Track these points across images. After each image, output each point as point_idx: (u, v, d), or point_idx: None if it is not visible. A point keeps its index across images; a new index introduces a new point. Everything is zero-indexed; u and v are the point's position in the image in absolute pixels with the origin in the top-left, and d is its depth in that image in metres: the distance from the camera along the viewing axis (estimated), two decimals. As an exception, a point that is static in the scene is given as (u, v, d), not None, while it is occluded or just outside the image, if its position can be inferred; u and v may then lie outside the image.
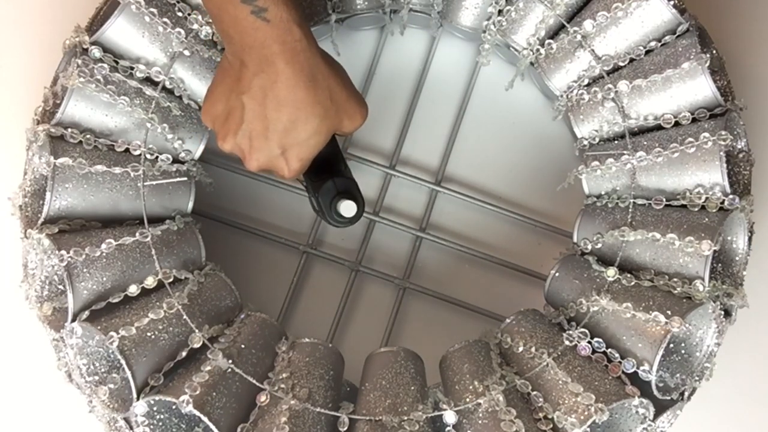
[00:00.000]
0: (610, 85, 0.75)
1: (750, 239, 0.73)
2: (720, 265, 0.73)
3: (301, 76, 0.61)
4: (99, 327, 0.66)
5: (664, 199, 0.73)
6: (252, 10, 0.58)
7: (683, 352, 0.71)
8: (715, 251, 0.68)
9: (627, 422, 0.68)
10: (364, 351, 0.74)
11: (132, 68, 0.73)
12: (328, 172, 0.69)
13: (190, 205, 0.76)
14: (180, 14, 0.74)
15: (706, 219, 0.70)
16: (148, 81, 0.74)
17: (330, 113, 0.64)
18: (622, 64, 0.76)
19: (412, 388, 0.69)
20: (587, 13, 0.76)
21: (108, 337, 0.65)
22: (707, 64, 0.72)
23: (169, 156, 0.75)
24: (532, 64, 0.80)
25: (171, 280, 0.71)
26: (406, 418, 0.67)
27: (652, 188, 0.74)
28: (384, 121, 0.86)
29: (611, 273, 0.71)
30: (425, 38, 0.88)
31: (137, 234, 0.70)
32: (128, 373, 0.65)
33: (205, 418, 0.64)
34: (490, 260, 0.83)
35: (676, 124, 0.74)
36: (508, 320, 0.74)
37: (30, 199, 0.73)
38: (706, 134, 0.71)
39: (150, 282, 0.70)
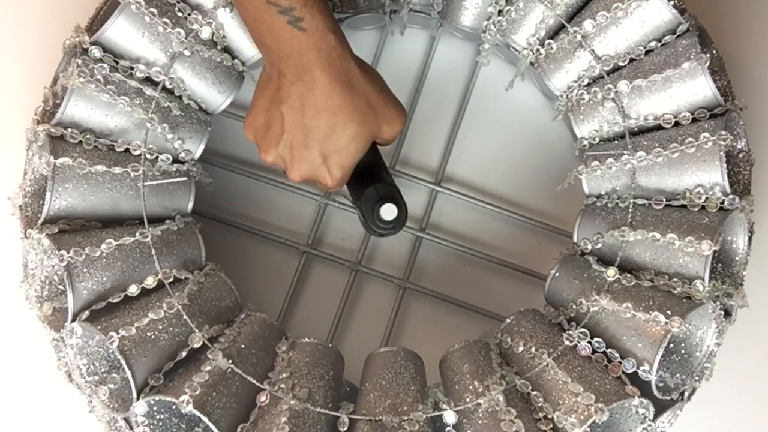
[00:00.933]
0: (610, 85, 0.75)
1: (750, 239, 0.73)
2: (720, 265, 0.73)
3: (337, 82, 0.62)
4: (99, 327, 0.66)
5: (664, 199, 0.73)
6: (288, 20, 0.59)
7: (683, 352, 0.71)
8: (715, 251, 0.68)
9: (627, 422, 0.68)
10: (364, 351, 0.74)
11: (132, 68, 0.73)
12: (369, 180, 0.69)
13: (190, 205, 0.76)
14: (180, 14, 0.74)
15: (706, 219, 0.70)
16: (148, 81, 0.74)
17: (368, 119, 0.64)
18: (622, 64, 0.76)
19: (412, 388, 0.69)
20: (587, 13, 0.76)
21: (108, 337, 0.65)
22: (707, 64, 0.72)
23: (169, 156, 0.74)
24: (532, 64, 0.80)
25: (171, 280, 0.71)
26: (406, 418, 0.67)
27: (652, 188, 0.74)
28: (384, 121, 0.86)
29: (611, 273, 0.71)
30: (425, 38, 0.88)
31: (137, 234, 0.70)
32: (128, 373, 0.65)
33: (205, 418, 0.64)
34: (490, 260, 0.83)
35: (676, 124, 0.74)
36: (508, 320, 0.74)
37: (30, 199, 0.73)
38: (706, 134, 0.71)
39: (150, 282, 0.70)
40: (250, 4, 0.60)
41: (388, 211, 0.67)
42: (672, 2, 0.74)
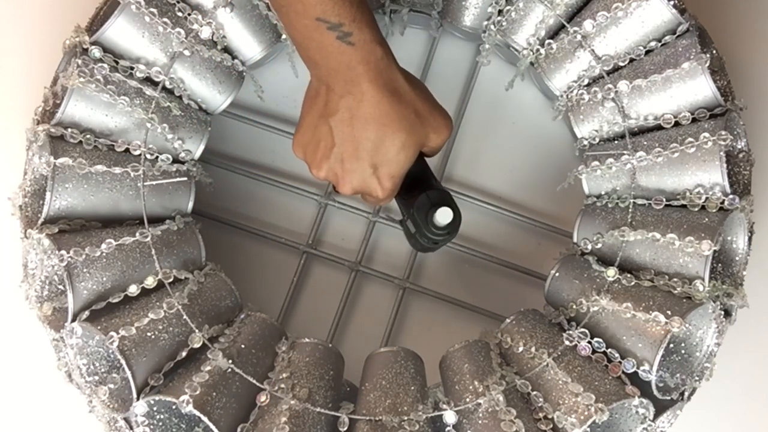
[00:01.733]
0: (610, 85, 0.75)
1: (750, 239, 0.73)
2: (720, 265, 0.73)
3: (385, 93, 0.62)
4: (99, 327, 0.66)
5: (664, 199, 0.73)
6: (338, 36, 0.60)
7: (683, 352, 0.71)
8: (715, 251, 0.68)
9: (627, 422, 0.68)
10: (364, 351, 0.74)
11: (132, 68, 0.73)
12: (419, 189, 0.68)
13: (190, 205, 0.76)
14: (180, 14, 0.74)
15: (706, 219, 0.70)
16: (148, 81, 0.74)
17: (415, 127, 0.64)
18: (622, 64, 0.76)
19: (412, 388, 0.69)
20: (587, 13, 0.76)
21: (108, 337, 0.65)
22: (707, 64, 0.72)
23: (169, 156, 0.75)
24: (532, 64, 0.80)
25: (171, 280, 0.71)
26: (406, 418, 0.67)
27: (652, 188, 0.74)
28: (384, 121, 0.86)
29: (611, 273, 0.71)
30: (425, 38, 0.88)
31: (137, 234, 0.70)
32: (128, 373, 0.65)
33: (205, 418, 0.64)
34: (490, 260, 0.83)
35: (676, 124, 0.74)
36: (508, 320, 0.74)
37: (30, 199, 0.73)
38: (706, 134, 0.71)
39: (150, 282, 0.70)
40: (299, 22, 0.60)
41: (444, 215, 0.66)
42: (672, 2, 0.74)
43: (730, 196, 0.70)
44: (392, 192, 0.67)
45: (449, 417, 0.67)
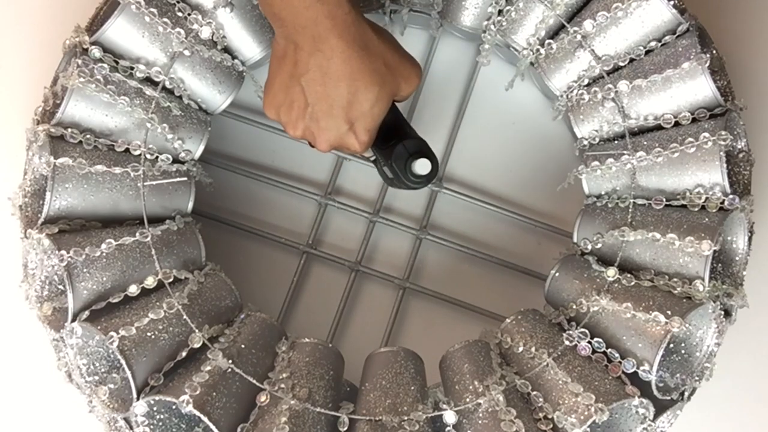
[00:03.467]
0: (610, 85, 0.75)
1: (750, 239, 0.73)
2: (720, 265, 0.73)
3: (354, 47, 0.62)
4: (99, 327, 0.66)
5: (664, 199, 0.73)
6: None
7: (683, 352, 0.71)
8: (715, 251, 0.68)
9: (627, 422, 0.68)
10: (364, 351, 0.74)
11: (132, 68, 0.73)
12: (395, 137, 0.69)
13: (190, 205, 0.76)
14: (180, 14, 0.74)
15: (706, 219, 0.70)
16: (148, 81, 0.74)
17: (387, 79, 0.65)
18: (622, 64, 0.76)
19: (412, 388, 0.69)
20: (587, 13, 0.76)
21: (108, 337, 0.65)
22: (707, 64, 0.72)
23: (169, 156, 0.75)
24: (532, 64, 0.80)
25: (171, 280, 0.71)
26: (406, 418, 0.67)
27: (652, 188, 0.74)
28: (384, 121, 0.86)
29: (611, 273, 0.71)
30: (425, 38, 0.88)
31: (137, 234, 0.70)
32: (128, 373, 0.65)
33: (205, 418, 0.64)
34: (490, 260, 0.83)
35: (676, 124, 0.74)
36: (508, 320, 0.74)
37: (30, 199, 0.73)
38: (706, 134, 0.71)
39: (150, 282, 0.70)
40: None
41: (422, 166, 0.68)
42: (672, 2, 0.74)
43: (730, 196, 0.70)
44: (369, 143, 0.67)
45: (449, 417, 0.67)
